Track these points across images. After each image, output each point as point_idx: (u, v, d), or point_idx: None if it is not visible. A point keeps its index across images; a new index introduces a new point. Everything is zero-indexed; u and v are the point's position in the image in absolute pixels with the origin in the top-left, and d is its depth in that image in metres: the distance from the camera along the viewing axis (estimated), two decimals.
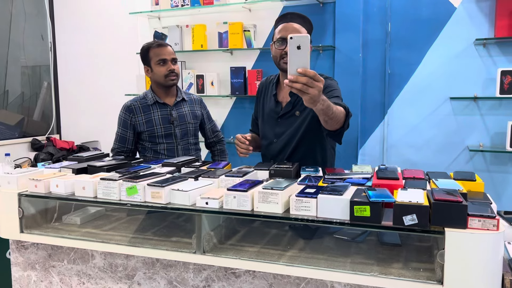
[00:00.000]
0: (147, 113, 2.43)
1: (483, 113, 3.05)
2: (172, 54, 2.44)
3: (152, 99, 2.44)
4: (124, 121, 2.45)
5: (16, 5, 4.11)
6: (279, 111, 2.14)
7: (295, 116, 2.10)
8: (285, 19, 2.04)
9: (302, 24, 2.03)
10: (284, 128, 2.13)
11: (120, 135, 2.47)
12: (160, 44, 2.43)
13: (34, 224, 1.82)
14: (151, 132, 2.42)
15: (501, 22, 2.89)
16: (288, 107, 2.11)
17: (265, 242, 1.61)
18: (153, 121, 2.42)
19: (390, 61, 3.24)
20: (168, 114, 2.45)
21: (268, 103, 2.19)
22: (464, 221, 1.22)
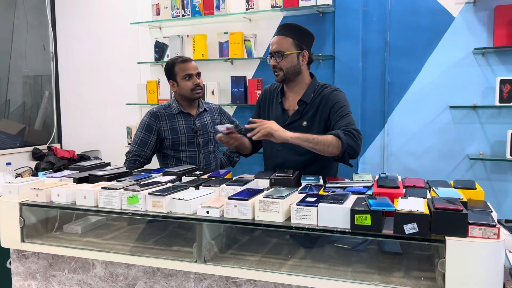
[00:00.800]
0: (171, 121, 2.51)
1: (482, 121, 3.06)
2: (197, 69, 2.55)
3: (177, 109, 2.53)
4: (148, 125, 2.50)
5: (19, 16, 4.14)
6: (286, 119, 2.14)
7: (303, 126, 2.11)
8: (276, 33, 2.16)
9: (285, 34, 2.10)
10: None
11: (141, 139, 2.50)
12: (185, 60, 2.54)
13: (35, 234, 1.82)
14: (175, 140, 2.49)
15: (500, 31, 2.91)
16: (296, 116, 2.13)
17: (266, 251, 1.61)
18: (178, 130, 2.51)
19: (390, 70, 3.25)
20: (191, 123, 2.54)
21: (274, 111, 2.20)
22: (464, 229, 1.22)
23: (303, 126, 2.10)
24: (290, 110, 2.16)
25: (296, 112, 2.13)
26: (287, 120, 2.13)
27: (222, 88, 3.70)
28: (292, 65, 2.09)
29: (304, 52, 2.11)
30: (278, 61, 2.08)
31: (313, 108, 2.11)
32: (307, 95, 2.12)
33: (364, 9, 3.25)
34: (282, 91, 2.22)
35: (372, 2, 3.24)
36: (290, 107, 2.16)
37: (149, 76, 4.00)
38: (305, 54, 2.12)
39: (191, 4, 3.60)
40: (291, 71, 2.10)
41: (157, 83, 3.83)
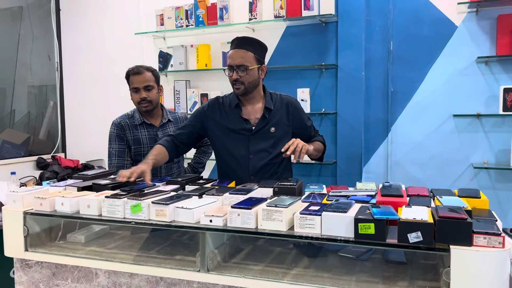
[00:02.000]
0: (135, 132, 2.52)
1: (486, 130, 3.05)
2: (145, 82, 2.47)
3: (139, 119, 2.53)
4: (117, 135, 2.52)
5: (24, 26, 4.19)
6: (251, 127, 2.20)
7: (270, 132, 2.21)
8: (232, 46, 2.16)
9: (247, 48, 2.12)
10: (259, 144, 2.20)
11: (118, 150, 2.51)
12: (135, 72, 2.49)
13: (39, 243, 1.82)
14: (137, 151, 2.50)
15: (503, 40, 2.92)
16: (262, 123, 2.20)
17: (270, 260, 1.60)
18: (141, 140, 2.51)
19: (393, 79, 3.26)
20: (154, 134, 2.54)
21: (235, 122, 2.21)
22: (469, 238, 1.22)
23: (270, 132, 2.21)
24: (252, 119, 2.21)
25: (262, 119, 2.20)
26: (253, 129, 2.20)
27: None
28: (253, 79, 2.15)
29: (263, 66, 2.19)
30: (241, 75, 2.11)
31: (278, 114, 2.23)
32: (269, 102, 2.22)
33: (366, 18, 3.27)
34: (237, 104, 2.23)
35: (375, 12, 3.26)
36: (251, 116, 2.21)
37: None
38: (263, 68, 2.20)
39: (194, 15, 3.63)
40: (252, 85, 2.15)
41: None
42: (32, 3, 4.24)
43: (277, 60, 3.55)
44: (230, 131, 2.23)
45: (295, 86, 3.42)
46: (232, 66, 2.12)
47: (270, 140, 2.20)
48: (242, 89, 2.14)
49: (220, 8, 3.54)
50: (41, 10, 4.32)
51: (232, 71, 2.13)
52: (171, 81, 3.93)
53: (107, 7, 4.20)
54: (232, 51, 2.14)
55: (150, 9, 3.92)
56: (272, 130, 2.20)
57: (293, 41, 3.49)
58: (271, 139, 2.20)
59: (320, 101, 3.41)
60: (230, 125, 2.23)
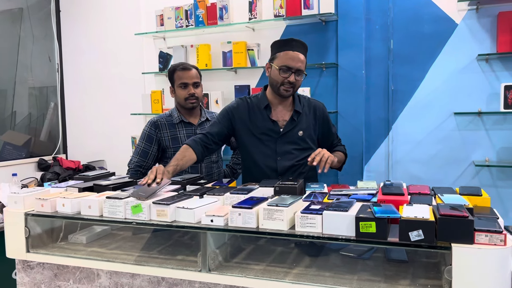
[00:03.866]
0: (172, 131, 2.50)
1: (488, 128, 3.04)
2: (195, 78, 2.51)
3: (177, 118, 2.52)
4: (149, 135, 2.49)
5: (25, 28, 4.19)
6: (278, 130, 2.19)
7: (298, 135, 2.20)
8: (291, 47, 2.10)
9: (304, 54, 2.14)
10: (287, 146, 2.20)
11: (142, 149, 2.50)
12: (184, 68, 2.50)
13: (40, 244, 1.83)
14: (176, 149, 2.38)
15: (503, 37, 2.91)
16: (290, 125, 2.20)
17: (271, 259, 1.60)
18: (179, 139, 2.49)
19: (393, 77, 3.25)
20: (193, 133, 2.51)
21: (262, 122, 2.20)
22: (470, 236, 1.21)
23: (298, 135, 2.20)
24: (280, 121, 2.21)
25: (290, 121, 2.20)
26: (280, 131, 2.19)
27: (226, 97, 3.71)
28: (300, 84, 2.18)
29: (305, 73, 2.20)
30: (298, 80, 2.12)
31: (306, 118, 2.23)
32: (298, 105, 2.22)
33: (366, 17, 3.27)
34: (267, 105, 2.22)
35: (375, 10, 3.26)
36: (279, 118, 2.21)
37: (153, 86, 4.02)
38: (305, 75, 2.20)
39: (194, 15, 3.63)
40: (297, 89, 2.19)
41: (161, 93, 3.85)
42: (32, 4, 4.25)
43: None
44: (257, 132, 2.22)
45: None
46: (291, 68, 2.09)
47: (297, 143, 2.21)
48: (291, 92, 2.15)
49: (220, 8, 3.53)
50: (41, 12, 4.32)
51: (290, 73, 2.09)
52: None
53: (107, 8, 4.21)
54: (292, 53, 2.09)
55: (150, 9, 3.92)
56: (300, 133, 2.20)
57: None
58: (298, 142, 2.21)
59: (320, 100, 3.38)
60: (258, 126, 2.21)
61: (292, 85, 2.11)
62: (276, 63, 2.12)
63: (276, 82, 2.13)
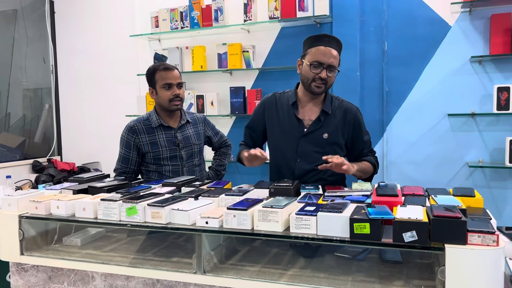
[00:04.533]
0: (151, 135, 2.39)
1: (481, 129, 3.07)
2: (178, 79, 2.40)
3: (156, 122, 2.40)
4: (127, 142, 2.41)
5: (19, 30, 4.18)
6: (302, 129, 2.10)
7: (323, 138, 2.08)
8: (322, 42, 2.01)
9: (336, 49, 2.03)
10: (308, 147, 2.09)
11: (123, 156, 2.43)
12: (167, 68, 2.39)
13: (34, 246, 1.82)
14: (156, 154, 2.38)
15: (496, 39, 2.93)
16: (315, 126, 2.09)
17: (266, 261, 1.61)
18: (158, 143, 2.38)
19: (388, 79, 3.27)
20: (173, 136, 2.41)
21: (287, 120, 2.13)
22: (463, 237, 1.22)
23: (323, 138, 2.08)
24: (306, 120, 2.11)
25: (316, 122, 2.09)
26: (304, 131, 2.09)
27: (221, 99, 3.72)
28: (333, 81, 2.07)
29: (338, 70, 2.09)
30: (330, 76, 2.01)
31: (334, 120, 2.10)
32: (327, 106, 2.10)
33: (361, 19, 3.28)
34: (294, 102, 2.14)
35: (369, 12, 3.28)
36: (305, 117, 2.11)
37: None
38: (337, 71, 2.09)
39: (189, 17, 3.64)
40: (330, 86, 2.08)
41: None
42: (27, 6, 4.23)
43: (272, 61, 3.56)
44: (281, 130, 2.14)
45: (290, 86, 3.39)
46: (323, 64, 1.99)
47: (321, 146, 2.08)
48: (323, 88, 2.03)
49: (215, 9, 3.54)
50: (36, 13, 4.31)
51: (321, 68, 1.99)
52: None
53: (102, 10, 4.20)
54: (324, 48, 1.99)
55: (145, 11, 3.92)
56: (325, 136, 2.08)
57: (288, 42, 3.49)
58: (322, 144, 2.08)
59: None
60: (282, 123, 2.14)
61: (324, 82, 2.00)
62: (307, 59, 2.03)
63: (307, 79, 2.03)
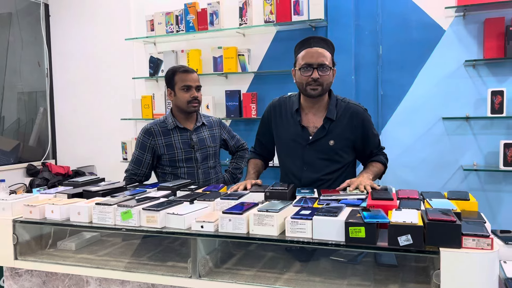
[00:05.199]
0: (167, 137, 2.41)
1: (475, 132, 3.09)
2: (197, 81, 2.43)
3: (172, 124, 2.42)
4: (142, 143, 2.42)
5: (14, 33, 4.16)
6: (307, 137, 2.04)
7: (329, 145, 2.03)
8: (308, 44, 1.98)
9: (326, 48, 1.98)
10: (315, 156, 2.05)
11: (136, 157, 2.44)
12: (186, 70, 2.42)
13: (29, 251, 1.81)
14: (171, 156, 2.40)
15: (489, 43, 2.96)
16: (320, 133, 2.03)
17: (261, 265, 1.60)
18: (174, 145, 2.40)
19: (383, 82, 3.29)
20: (188, 138, 2.43)
21: (292, 127, 2.08)
22: (458, 240, 1.23)
23: (329, 145, 2.02)
24: (310, 127, 2.05)
25: (321, 129, 2.03)
26: (309, 139, 2.04)
27: (217, 102, 3.72)
28: (330, 81, 2.00)
29: (334, 69, 2.04)
30: (322, 75, 1.94)
31: (341, 126, 2.03)
32: (331, 111, 2.04)
33: (356, 23, 3.30)
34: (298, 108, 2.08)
35: (364, 16, 3.29)
36: (310, 124, 2.05)
37: (144, 91, 4.02)
38: (334, 72, 2.04)
39: (185, 20, 3.64)
40: (327, 87, 2.00)
41: (152, 98, 3.85)
42: (22, 9, 4.22)
43: (267, 64, 3.57)
44: (286, 138, 2.10)
45: (286, 90, 3.41)
46: (312, 65, 1.93)
47: (328, 153, 2.03)
48: (320, 90, 1.96)
49: (210, 13, 3.55)
50: (31, 16, 4.30)
51: (311, 70, 1.93)
52: (162, 86, 3.93)
53: (97, 13, 4.20)
54: (310, 50, 1.95)
55: (140, 14, 3.92)
56: (331, 143, 2.02)
57: (284, 45, 3.50)
58: (328, 152, 2.03)
59: None
60: (287, 131, 2.09)
61: (319, 83, 1.94)
62: (297, 65, 2.00)
63: (301, 84, 1.98)
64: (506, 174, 3.01)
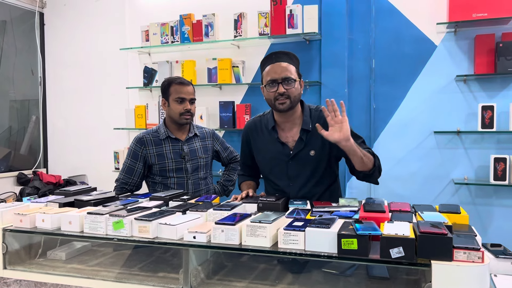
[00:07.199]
0: (158, 147, 2.43)
1: (466, 146, 3.12)
2: (192, 94, 2.45)
3: (164, 134, 2.44)
4: (134, 152, 2.43)
5: (8, 40, 4.16)
6: (288, 152, 2.04)
7: (310, 156, 2.03)
8: (270, 60, 2.00)
9: (288, 62, 1.99)
10: (298, 170, 2.05)
11: (128, 166, 2.44)
12: (182, 82, 2.44)
13: (18, 260, 1.78)
14: (162, 166, 2.41)
15: (480, 59, 3.01)
16: (299, 146, 2.03)
17: (253, 276, 1.60)
18: (165, 155, 2.42)
19: (375, 96, 3.32)
20: (179, 149, 2.44)
21: (271, 145, 2.08)
22: (449, 253, 1.23)
23: (310, 156, 2.02)
24: (290, 142, 2.05)
25: (299, 142, 2.03)
26: (291, 153, 2.03)
27: (211, 113, 3.73)
28: (298, 93, 1.99)
29: (301, 81, 2.05)
30: (287, 88, 1.95)
31: (317, 135, 1.94)
32: (306, 122, 2.04)
33: (349, 37, 3.34)
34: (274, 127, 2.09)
35: (357, 31, 3.34)
36: (289, 139, 2.06)
37: (137, 101, 4.02)
38: (302, 83, 2.05)
39: (180, 31, 3.66)
40: (296, 99, 1.99)
41: (145, 108, 3.85)
42: (16, 17, 4.22)
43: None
44: (268, 156, 2.10)
45: None
46: (276, 80, 1.94)
47: (311, 165, 2.03)
48: (288, 103, 1.95)
49: (206, 25, 3.57)
50: (25, 24, 4.30)
51: (276, 85, 1.95)
52: (155, 96, 3.93)
53: (92, 22, 4.21)
54: (273, 65, 1.97)
55: (135, 25, 3.94)
56: (312, 153, 2.01)
57: None
58: (311, 163, 2.03)
59: None
60: (267, 149, 2.09)
61: (286, 96, 1.94)
62: (264, 82, 2.02)
63: (270, 101, 2.00)
64: (497, 188, 3.04)
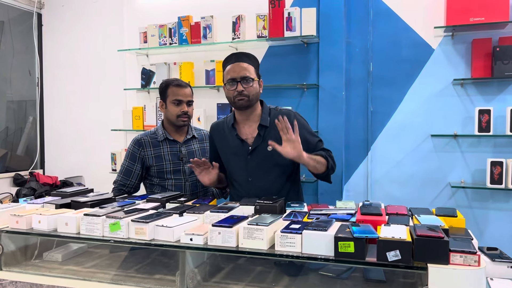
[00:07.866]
0: (156, 149, 2.43)
1: (463, 150, 3.13)
2: (189, 96, 2.46)
3: (162, 136, 2.45)
4: (132, 154, 2.44)
5: (5, 41, 4.15)
6: (247, 148, 2.14)
7: (267, 151, 2.10)
8: (230, 61, 2.11)
9: (248, 62, 2.09)
10: (257, 165, 2.13)
11: (126, 168, 2.44)
12: (179, 84, 2.44)
13: (14, 261, 1.78)
14: (160, 168, 2.41)
15: (477, 63, 3.02)
16: (257, 141, 2.12)
17: (250, 279, 1.59)
18: (163, 157, 2.42)
19: (373, 99, 3.33)
20: (177, 150, 2.45)
21: (232, 143, 2.17)
22: (446, 256, 1.24)
23: (267, 151, 2.10)
24: (249, 138, 2.15)
25: (257, 137, 2.13)
26: (249, 149, 2.13)
27: (208, 115, 3.73)
28: (256, 92, 2.10)
29: (261, 81, 2.16)
30: (246, 87, 2.05)
31: (274, 131, 2.04)
32: (264, 119, 2.14)
33: (347, 40, 3.35)
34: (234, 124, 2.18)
35: (355, 34, 3.35)
36: (248, 136, 2.15)
37: (135, 102, 4.01)
38: (261, 83, 2.16)
39: (178, 33, 3.66)
40: (254, 98, 2.10)
41: (143, 109, 3.84)
42: (14, 18, 4.21)
43: None
44: (229, 153, 2.19)
45: (277, 104, 3.44)
46: (235, 79, 2.05)
47: (269, 160, 2.11)
48: (246, 100, 2.06)
49: (204, 27, 3.58)
50: (23, 25, 4.29)
51: (235, 83, 2.05)
52: (153, 98, 3.93)
53: (90, 24, 4.21)
54: (233, 65, 2.08)
55: (133, 26, 3.94)
56: (269, 148, 2.08)
57: (276, 60, 3.54)
58: (269, 158, 2.10)
59: None
60: (228, 146, 2.18)
61: (244, 95, 2.05)
62: (224, 81, 2.12)
63: (229, 98, 2.11)
64: (493, 192, 3.05)
